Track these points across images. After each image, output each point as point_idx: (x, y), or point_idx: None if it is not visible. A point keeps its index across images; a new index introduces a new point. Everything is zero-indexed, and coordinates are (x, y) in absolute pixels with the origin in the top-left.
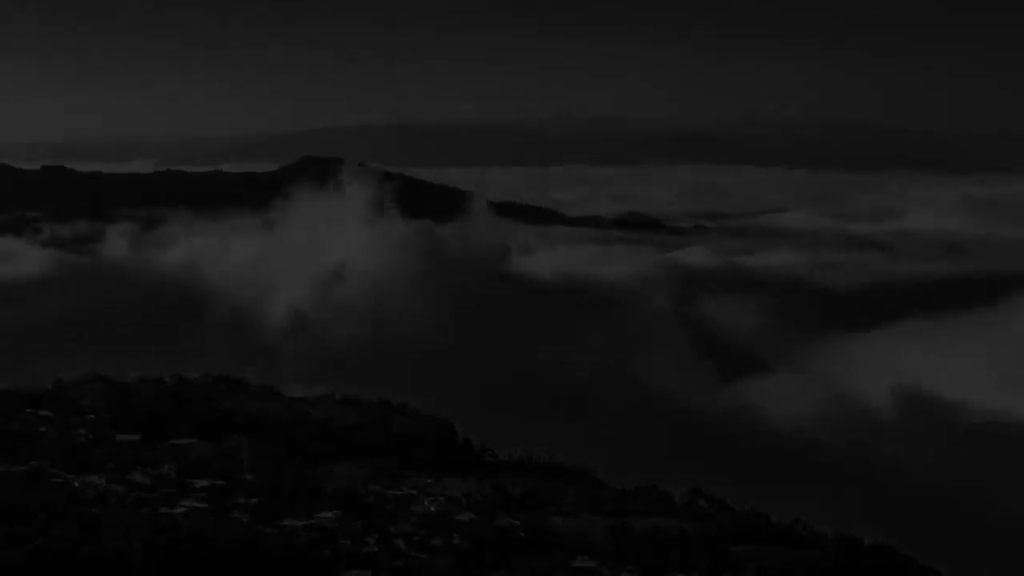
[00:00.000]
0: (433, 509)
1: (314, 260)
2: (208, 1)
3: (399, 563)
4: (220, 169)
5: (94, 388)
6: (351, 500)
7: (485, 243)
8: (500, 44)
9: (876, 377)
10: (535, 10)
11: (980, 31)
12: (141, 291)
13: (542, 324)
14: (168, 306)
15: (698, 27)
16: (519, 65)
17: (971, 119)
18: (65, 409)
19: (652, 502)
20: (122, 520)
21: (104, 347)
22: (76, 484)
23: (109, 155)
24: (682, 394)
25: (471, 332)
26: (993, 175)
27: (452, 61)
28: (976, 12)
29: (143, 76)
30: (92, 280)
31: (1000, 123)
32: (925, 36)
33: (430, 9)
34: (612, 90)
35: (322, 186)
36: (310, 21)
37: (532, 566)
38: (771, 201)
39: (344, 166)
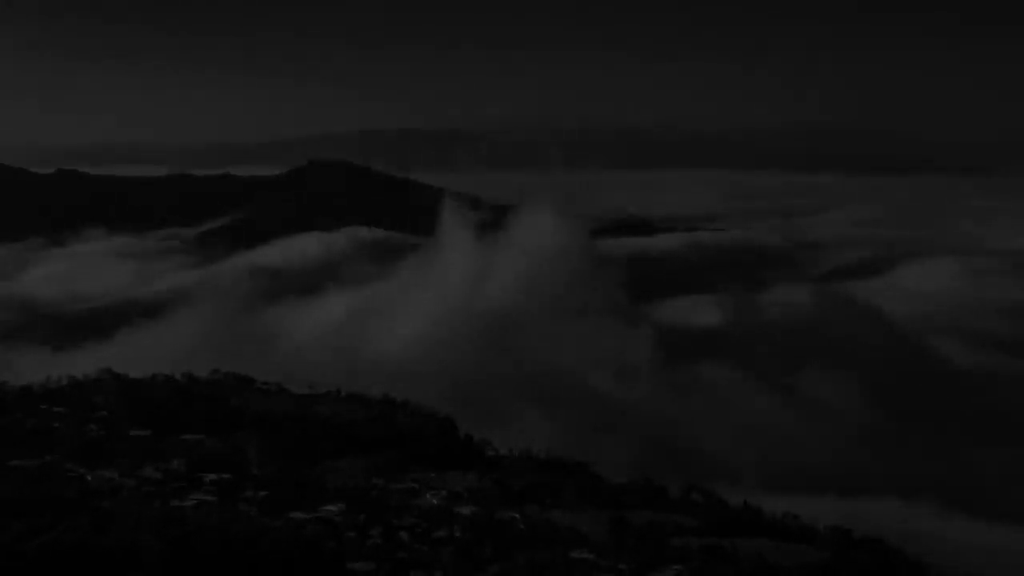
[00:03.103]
0: (435, 503)
1: None
2: (217, 6)
3: (402, 555)
4: (229, 172)
5: (107, 385)
6: (356, 494)
7: None
8: (493, 47)
9: None
10: (533, 12)
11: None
12: None
13: None
14: None
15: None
16: (517, 66)
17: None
18: (79, 406)
19: (648, 496)
20: (134, 512)
21: None
22: (89, 478)
23: (122, 159)
24: None
25: None
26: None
27: (454, 62)
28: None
29: (152, 80)
30: None
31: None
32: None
33: (434, 13)
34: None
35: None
36: (314, 24)
37: (531, 558)
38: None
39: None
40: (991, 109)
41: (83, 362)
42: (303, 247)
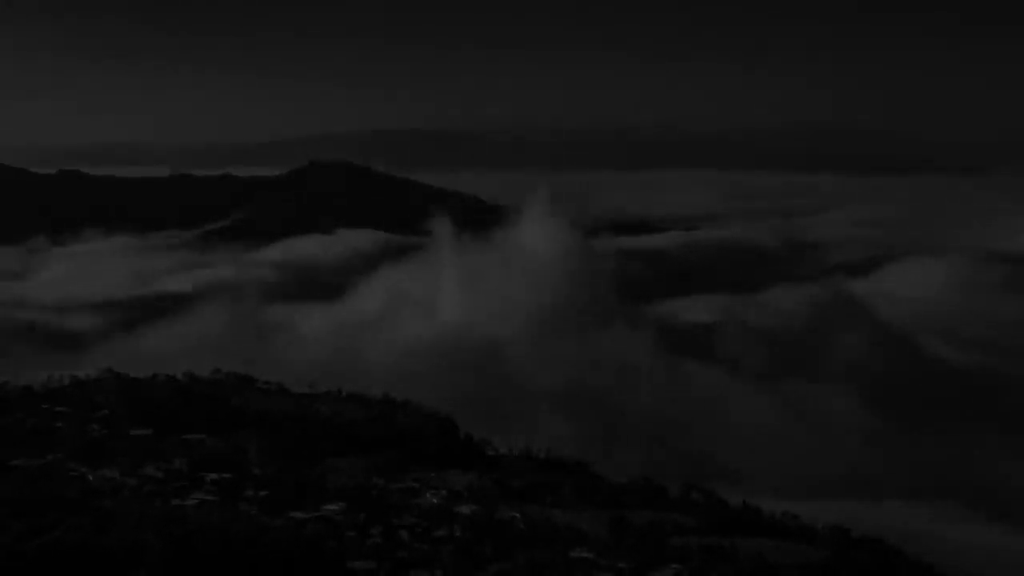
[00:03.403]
0: (435, 502)
1: None
2: (217, 6)
3: (403, 554)
4: (229, 172)
5: (108, 385)
6: (356, 493)
7: None
8: (493, 47)
9: None
10: (533, 12)
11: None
12: None
13: None
14: None
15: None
16: (517, 66)
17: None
18: (81, 405)
19: (648, 496)
20: (135, 512)
21: None
22: (91, 477)
23: (122, 159)
24: None
25: None
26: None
27: (454, 62)
28: None
29: (152, 80)
30: None
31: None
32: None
33: (434, 13)
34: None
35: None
36: (314, 24)
37: (531, 557)
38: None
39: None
40: (991, 109)
41: (84, 362)
42: (303, 247)
